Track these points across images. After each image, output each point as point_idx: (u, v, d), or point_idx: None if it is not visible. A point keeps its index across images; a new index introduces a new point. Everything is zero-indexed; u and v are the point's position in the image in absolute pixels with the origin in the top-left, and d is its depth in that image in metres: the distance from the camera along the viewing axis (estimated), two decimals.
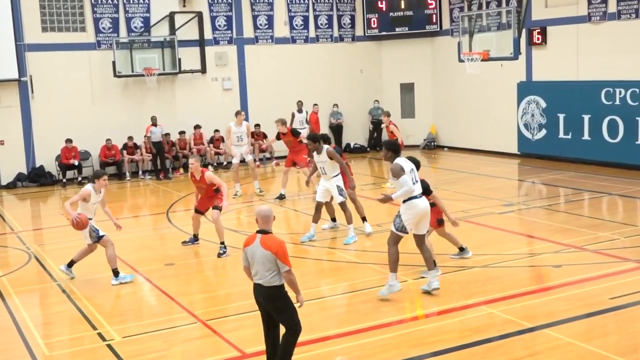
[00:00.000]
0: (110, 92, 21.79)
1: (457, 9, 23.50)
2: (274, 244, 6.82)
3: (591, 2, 19.45)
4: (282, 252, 6.80)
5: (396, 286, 9.40)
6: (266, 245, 6.81)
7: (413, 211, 9.22)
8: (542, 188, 17.59)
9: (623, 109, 18.52)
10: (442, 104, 25.14)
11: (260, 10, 23.70)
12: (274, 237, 6.93)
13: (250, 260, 6.95)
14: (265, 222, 6.95)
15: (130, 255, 12.49)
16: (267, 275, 6.81)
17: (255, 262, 6.86)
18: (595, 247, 11.59)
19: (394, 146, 9.55)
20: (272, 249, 6.78)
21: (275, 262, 6.78)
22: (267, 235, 6.89)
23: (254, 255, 6.87)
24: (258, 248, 6.83)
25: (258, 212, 7.02)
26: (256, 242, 6.88)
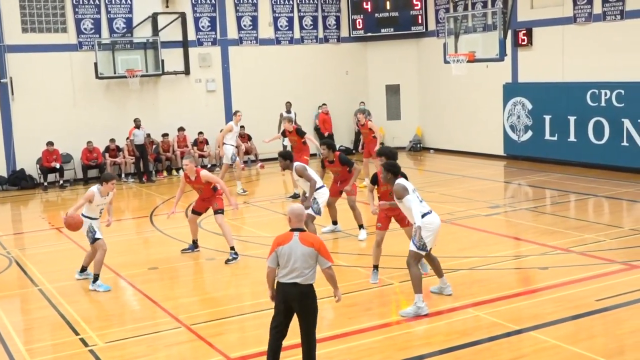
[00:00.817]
0: (92, 94, 21.69)
1: (442, 10, 23.60)
2: (316, 240, 6.97)
3: (576, 4, 19.60)
4: (324, 248, 6.96)
5: (424, 309, 8.97)
6: (307, 242, 6.88)
7: (432, 227, 9.09)
8: (528, 190, 17.68)
9: (609, 111, 18.66)
10: (428, 105, 25.22)
11: (245, 11, 23.68)
12: (313, 234, 7.17)
13: (285, 259, 6.89)
14: (299, 220, 7.02)
15: (113, 259, 12.42)
16: (306, 272, 6.87)
17: (293, 261, 6.85)
18: (582, 249, 11.66)
19: (394, 167, 9.36)
20: (315, 245, 6.89)
21: (316, 259, 6.89)
22: (306, 233, 6.99)
23: (291, 253, 6.86)
24: (298, 245, 6.87)
25: (291, 210, 7.06)
26: (294, 240, 6.90)
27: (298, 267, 6.85)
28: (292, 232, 6.98)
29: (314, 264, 6.91)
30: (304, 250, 6.85)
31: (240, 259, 12.03)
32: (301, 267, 6.85)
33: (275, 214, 15.71)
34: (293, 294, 6.90)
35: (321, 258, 6.91)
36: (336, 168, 12.89)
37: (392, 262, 11.31)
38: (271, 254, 7.01)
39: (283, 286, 6.96)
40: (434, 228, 9.11)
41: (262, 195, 18.03)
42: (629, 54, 18.43)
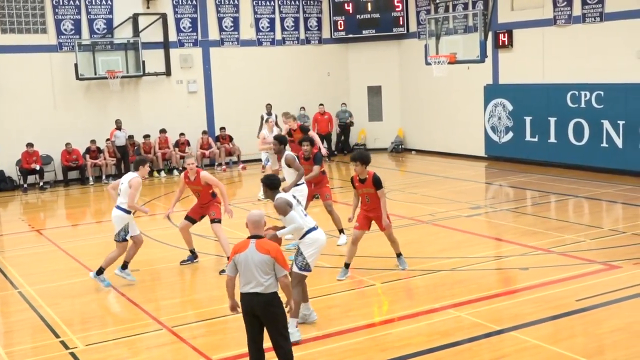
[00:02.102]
0: (72, 95, 21.56)
1: (423, 12, 23.69)
2: (272, 247, 6.71)
3: (556, 6, 19.75)
4: (281, 256, 6.72)
5: (295, 335, 8.10)
6: (264, 249, 6.66)
7: (316, 245, 8.43)
8: (509, 191, 17.79)
9: (588, 112, 18.82)
10: (410, 106, 25.31)
11: (226, 12, 23.65)
12: (270, 241, 6.83)
13: (242, 268, 6.68)
14: (257, 227, 6.80)
15: (94, 261, 12.34)
16: (265, 281, 6.62)
17: (251, 269, 6.63)
18: (562, 250, 11.75)
19: (270, 181, 8.50)
20: (271, 252, 6.65)
21: (273, 267, 6.65)
22: (262, 240, 6.76)
23: (247, 262, 6.64)
24: (254, 253, 6.64)
25: (249, 217, 6.83)
26: (250, 247, 6.67)
27: (255, 277, 6.63)
28: (249, 240, 6.75)
29: (271, 272, 6.66)
30: (260, 258, 6.62)
31: (220, 261, 12.00)
32: (259, 276, 6.62)
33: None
34: (256, 304, 6.67)
35: (277, 266, 6.65)
36: (309, 167, 12.55)
37: (374, 263, 11.35)
38: (229, 262, 6.82)
39: (245, 296, 6.73)
40: (318, 246, 8.45)
41: (244, 196, 17.99)
42: (608, 56, 18.60)
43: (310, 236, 8.42)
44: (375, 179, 10.36)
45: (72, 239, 14.52)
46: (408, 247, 12.21)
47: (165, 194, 19.12)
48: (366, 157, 10.36)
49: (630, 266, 10.70)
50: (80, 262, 12.37)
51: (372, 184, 10.35)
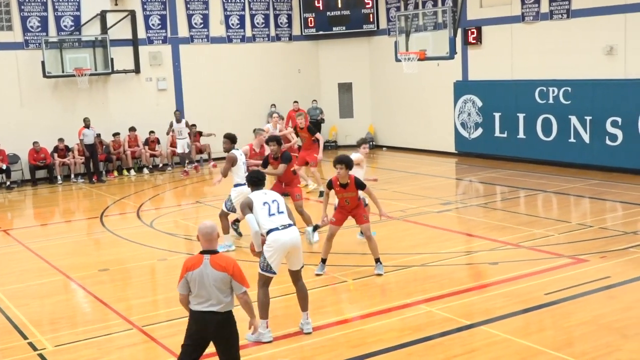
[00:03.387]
0: (39, 93, 21.29)
1: (393, 9, 23.77)
2: (229, 263, 6.19)
3: (524, 3, 19.93)
4: (238, 272, 6.21)
5: (266, 336, 8.20)
6: (219, 266, 6.13)
7: (275, 245, 8.10)
8: (479, 186, 17.93)
9: (556, 108, 19.03)
10: (380, 103, 25.39)
11: (195, 9, 23.52)
12: (226, 256, 6.31)
13: (196, 286, 6.17)
14: (209, 240, 6.24)
15: (63, 260, 12.25)
16: (222, 300, 6.16)
17: (205, 287, 6.13)
18: (531, 244, 11.88)
19: (250, 178, 8.56)
20: (228, 269, 6.14)
21: (230, 284, 6.19)
22: (218, 255, 6.20)
23: (202, 280, 6.13)
24: (209, 270, 6.13)
25: (200, 229, 6.28)
26: (205, 263, 6.15)
27: (212, 294, 6.13)
28: (202, 255, 6.20)
29: (228, 290, 6.19)
30: (216, 275, 6.12)
31: None
32: (215, 293, 6.13)
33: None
34: (210, 324, 6.17)
35: (235, 283, 6.16)
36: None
37: (346, 259, 11.37)
38: (181, 279, 6.24)
39: (199, 315, 6.21)
40: (277, 247, 8.08)
41: (215, 194, 17.91)
42: (575, 52, 18.81)
43: (270, 237, 8.12)
44: (358, 182, 10.29)
45: (41, 239, 14.35)
46: (379, 243, 12.21)
47: (135, 192, 18.97)
48: (350, 161, 10.24)
49: (597, 260, 10.84)
50: (49, 262, 12.23)
51: (356, 188, 10.27)
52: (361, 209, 10.60)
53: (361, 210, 10.58)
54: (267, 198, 8.32)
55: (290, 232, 8.19)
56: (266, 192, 8.45)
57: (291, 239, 8.17)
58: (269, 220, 8.17)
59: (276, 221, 8.18)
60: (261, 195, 8.35)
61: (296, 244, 8.24)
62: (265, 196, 8.35)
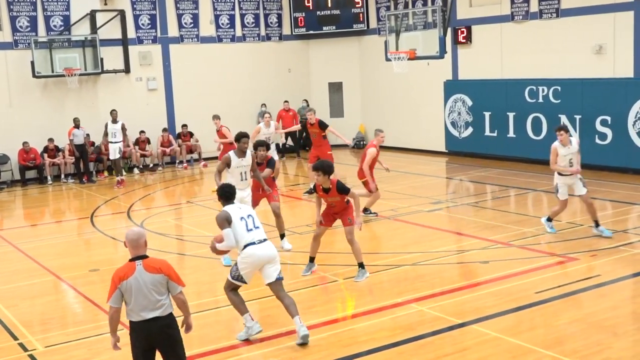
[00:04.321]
0: (29, 93, 21.19)
1: (383, 8, 23.78)
2: (163, 265, 6.17)
3: (514, 2, 19.97)
4: (173, 271, 6.17)
5: (255, 327, 8.29)
6: (154, 268, 6.09)
7: (250, 260, 8.15)
8: (469, 185, 17.96)
9: (546, 107, 19.08)
10: (371, 103, 25.40)
11: (185, 9, 23.46)
12: (158, 258, 6.27)
13: (133, 294, 6.05)
14: (136, 246, 6.18)
15: (53, 261, 12.20)
16: (162, 302, 6.09)
17: (144, 294, 6.03)
18: (521, 243, 11.91)
19: (223, 192, 8.49)
20: (164, 269, 6.12)
21: (167, 285, 6.13)
22: (149, 259, 6.16)
23: (139, 286, 6.03)
24: (145, 275, 6.05)
25: (127, 236, 6.21)
26: (138, 269, 6.07)
27: (152, 300, 6.04)
28: (133, 262, 6.13)
29: (166, 291, 6.14)
30: (152, 279, 6.05)
31: (182, 259, 11.93)
32: (155, 297, 6.05)
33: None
34: (154, 331, 6.09)
35: (171, 283, 6.12)
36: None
37: (337, 259, 11.36)
38: (114, 292, 6.10)
39: (141, 325, 6.10)
40: (252, 261, 8.16)
41: (206, 194, 17.86)
42: (565, 51, 18.87)
43: (246, 251, 8.12)
44: (339, 186, 10.13)
45: (31, 239, 14.29)
46: (370, 242, 12.27)
47: (125, 192, 18.90)
48: (328, 167, 10.15)
49: (587, 258, 10.88)
50: (39, 263, 12.18)
51: (337, 193, 10.15)
52: (348, 211, 10.39)
53: (348, 213, 10.38)
54: (243, 213, 8.28)
55: (265, 247, 8.20)
56: (240, 207, 8.41)
57: (266, 254, 8.20)
58: (247, 234, 8.15)
59: (254, 236, 8.17)
60: (236, 209, 8.28)
61: (271, 258, 8.24)
62: (241, 211, 8.29)
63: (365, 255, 11.28)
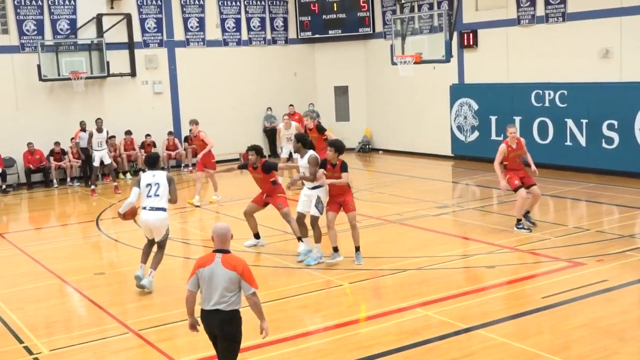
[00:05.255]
0: (35, 96, 21.22)
1: (389, 12, 23.76)
2: (239, 263, 6.32)
3: (520, 6, 19.94)
4: (248, 272, 6.32)
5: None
6: (230, 265, 6.27)
7: (142, 223, 10.31)
8: (475, 189, 17.91)
9: (552, 111, 19.02)
10: (376, 106, 25.37)
11: (191, 13, 23.49)
12: (237, 257, 6.43)
13: (205, 283, 6.32)
14: (223, 241, 6.40)
15: (59, 264, 12.20)
16: (228, 298, 6.28)
17: (214, 285, 6.28)
18: (528, 247, 11.85)
19: (146, 159, 10.59)
20: (238, 268, 6.27)
21: (239, 284, 6.30)
22: (229, 255, 6.35)
23: (212, 277, 6.28)
24: (220, 269, 6.27)
25: (215, 230, 6.43)
26: (216, 262, 6.29)
27: (220, 293, 6.27)
28: (214, 254, 6.37)
29: (236, 289, 6.31)
30: (225, 274, 6.25)
31: (187, 263, 11.91)
32: (223, 292, 6.26)
33: (224, 217, 15.58)
34: (217, 320, 6.32)
35: (244, 283, 6.28)
36: (258, 175, 12.13)
37: (342, 263, 11.32)
38: (192, 276, 6.41)
39: (204, 313, 6.38)
40: (142, 224, 10.31)
41: (211, 197, 17.84)
42: (571, 55, 18.82)
43: (140, 214, 10.27)
44: (343, 165, 11.15)
45: (36, 243, 14.28)
46: (375, 246, 12.23)
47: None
48: (340, 146, 11.18)
49: (594, 263, 10.82)
50: (45, 266, 12.18)
51: (340, 170, 11.05)
52: (349, 196, 11.13)
53: (349, 198, 11.09)
54: (152, 180, 10.12)
55: (153, 215, 10.08)
56: (154, 174, 10.15)
57: (152, 220, 10.12)
58: (145, 199, 10.08)
59: (149, 202, 10.06)
60: (149, 177, 10.14)
61: (156, 226, 10.14)
62: (153, 178, 10.13)
63: (371, 259, 11.28)
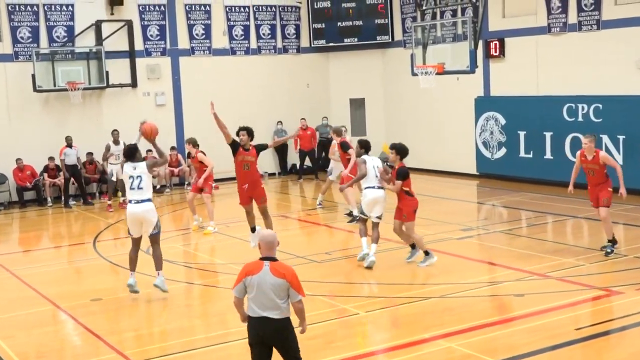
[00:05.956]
0: (29, 108, 21.38)
1: (409, 19, 23.83)
2: (288, 271, 6.81)
3: (551, 13, 19.96)
4: (296, 280, 6.81)
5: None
6: (279, 273, 6.74)
7: (129, 216, 11.14)
8: (502, 211, 17.86)
9: (586, 126, 18.91)
10: (395, 120, 25.39)
11: (197, 19, 23.66)
12: (285, 264, 6.91)
13: (254, 291, 6.76)
14: (270, 248, 6.88)
15: (52, 289, 12.23)
16: (279, 305, 6.74)
17: (265, 293, 6.71)
18: (560, 274, 11.79)
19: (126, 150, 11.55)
20: (287, 276, 6.74)
21: (287, 291, 6.76)
22: (277, 263, 6.83)
23: (260, 285, 6.72)
24: (268, 276, 6.72)
25: (261, 237, 6.95)
26: (264, 270, 6.75)
27: (269, 300, 6.72)
28: (262, 262, 6.82)
29: (285, 296, 6.78)
30: (275, 282, 6.71)
31: (190, 288, 11.92)
32: (272, 299, 6.72)
33: (230, 239, 15.61)
34: (268, 331, 6.77)
35: (292, 291, 6.77)
36: (251, 158, 13.59)
37: (356, 289, 11.31)
38: (238, 283, 6.86)
39: (255, 322, 6.81)
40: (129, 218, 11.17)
41: (217, 218, 17.87)
42: (606, 66, 18.78)
43: (127, 208, 11.18)
44: (400, 171, 12.62)
45: (29, 265, 14.34)
46: (394, 272, 12.20)
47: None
48: (401, 149, 12.96)
49: (632, 292, 10.74)
50: (37, 291, 12.21)
51: (395, 174, 12.56)
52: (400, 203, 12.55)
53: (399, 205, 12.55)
54: (134, 172, 11.02)
55: (139, 207, 10.93)
56: (135, 167, 11.06)
57: (140, 212, 10.94)
58: (129, 192, 11.03)
59: (133, 195, 10.97)
60: (130, 169, 11.07)
61: (145, 217, 10.96)
62: (134, 170, 11.04)
63: (388, 286, 11.26)
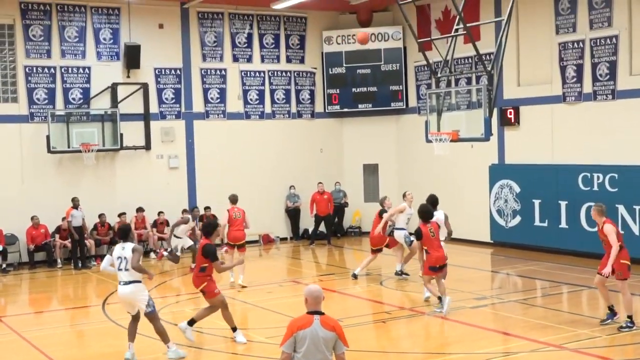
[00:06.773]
0: (43, 169, 21.63)
1: (424, 86, 24.15)
2: (336, 324, 7.12)
3: (566, 82, 20.19)
4: (342, 332, 7.11)
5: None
6: (329, 325, 7.03)
7: (118, 296, 11.66)
8: (517, 280, 17.80)
9: (602, 196, 18.92)
10: (409, 186, 25.27)
11: (212, 83, 24.04)
12: (332, 317, 7.19)
13: (306, 345, 6.96)
14: (317, 302, 7.13)
15: (61, 352, 12.23)
16: (328, 358, 6.99)
17: (317, 346, 6.96)
18: (575, 346, 11.72)
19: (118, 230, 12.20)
20: (337, 329, 7.05)
21: (335, 343, 7.04)
22: (325, 316, 7.10)
23: (313, 338, 6.95)
24: (320, 330, 6.98)
25: (309, 292, 7.18)
26: (315, 324, 7.00)
27: (320, 352, 6.96)
28: (311, 315, 7.07)
29: (332, 349, 7.06)
30: (326, 335, 6.98)
31: (200, 354, 11.91)
32: (323, 352, 6.97)
33: (243, 305, 15.60)
34: None
35: (339, 342, 7.06)
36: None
37: (366, 358, 11.25)
38: (288, 338, 7.04)
39: None
40: (119, 298, 11.70)
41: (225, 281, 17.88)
42: (622, 136, 18.90)
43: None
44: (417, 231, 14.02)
45: (37, 328, 14.37)
46: (406, 340, 12.16)
47: None
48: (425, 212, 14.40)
49: None
50: (45, 354, 12.22)
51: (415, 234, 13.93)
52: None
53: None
54: (122, 254, 11.32)
55: (126, 288, 11.34)
56: (124, 247, 11.34)
57: (127, 294, 11.37)
58: (118, 273, 11.38)
59: (121, 277, 11.35)
60: (119, 250, 11.39)
61: (134, 299, 11.40)
62: (122, 251, 11.33)
63: (400, 355, 11.19)
